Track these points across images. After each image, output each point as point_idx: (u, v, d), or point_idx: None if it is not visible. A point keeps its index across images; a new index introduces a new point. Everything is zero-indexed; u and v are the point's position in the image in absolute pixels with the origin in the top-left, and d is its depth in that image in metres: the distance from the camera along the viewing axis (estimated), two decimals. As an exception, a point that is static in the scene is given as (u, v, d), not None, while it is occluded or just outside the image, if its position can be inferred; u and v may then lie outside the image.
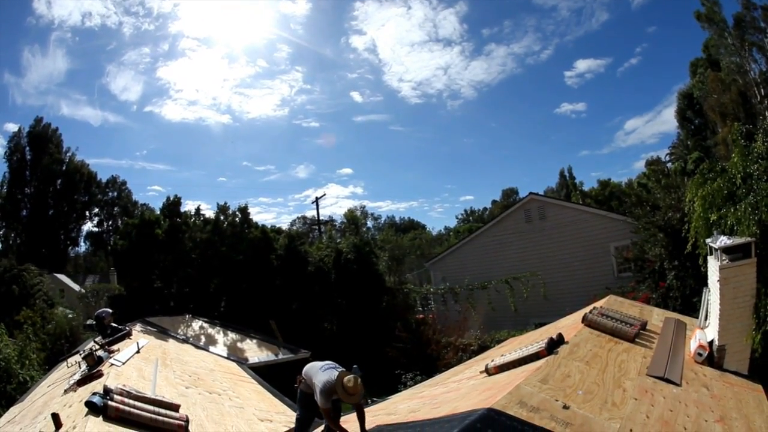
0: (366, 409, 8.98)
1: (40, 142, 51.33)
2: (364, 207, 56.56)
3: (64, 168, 51.52)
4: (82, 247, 50.73)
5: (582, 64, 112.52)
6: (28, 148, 50.79)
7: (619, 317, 8.49)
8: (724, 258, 7.63)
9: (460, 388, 7.98)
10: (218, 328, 18.56)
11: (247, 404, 9.96)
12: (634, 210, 18.08)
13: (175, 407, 7.47)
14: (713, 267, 8.20)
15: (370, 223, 53.53)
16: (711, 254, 8.56)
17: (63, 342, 17.79)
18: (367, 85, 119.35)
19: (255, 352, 17.17)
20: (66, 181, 49.82)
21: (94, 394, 6.86)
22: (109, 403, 6.57)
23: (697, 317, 9.58)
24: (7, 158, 48.50)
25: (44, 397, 9.32)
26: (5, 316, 18.21)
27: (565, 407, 5.48)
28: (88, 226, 49.97)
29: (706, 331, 8.34)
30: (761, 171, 8.43)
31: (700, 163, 16.04)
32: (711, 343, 7.81)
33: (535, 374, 6.20)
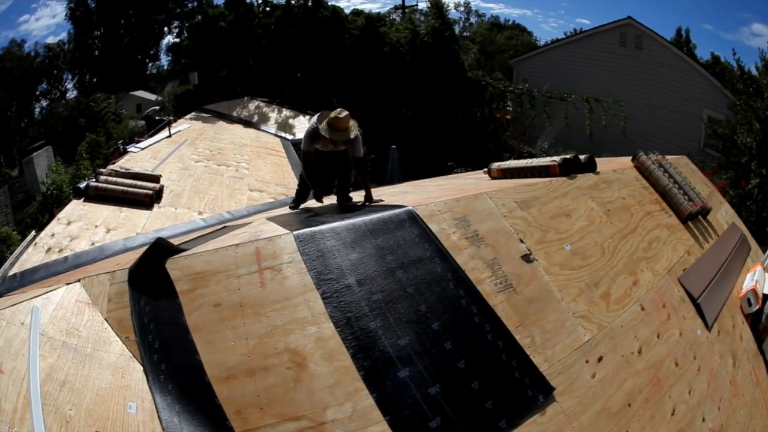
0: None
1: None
2: (468, 2, 49.15)
3: (134, -4, 44.82)
4: (164, 60, 46.07)
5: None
6: (90, -1, 43.98)
7: (681, 182, 5.64)
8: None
9: (452, 182, 6.25)
10: (274, 107, 17.06)
11: (251, 176, 9.16)
12: (736, 83, 13.75)
13: (155, 179, 7.29)
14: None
15: (473, 20, 46.70)
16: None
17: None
18: None
19: (302, 128, 15.46)
20: (138, 8, 42.95)
21: (87, 179, 6.98)
22: (91, 184, 6.54)
23: (766, 252, 6.76)
24: (69, 17, 41.93)
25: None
26: (74, 148, 17.62)
27: (527, 258, 3.38)
28: (168, 40, 44.34)
29: (768, 276, 5.50)
30: None
31: None
32: (766, 298, 5.07)
33: (520, 190, 3.99)
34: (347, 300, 2.81)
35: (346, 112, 4.48)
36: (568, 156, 4.86)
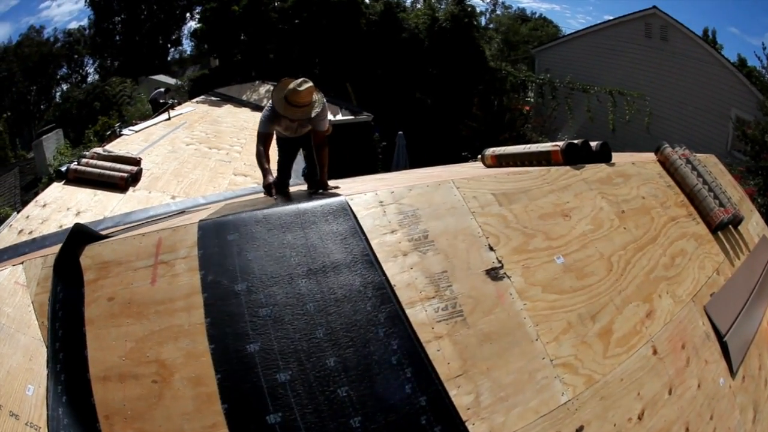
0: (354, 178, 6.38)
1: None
2: None
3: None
4: (186, 45, 43.75)
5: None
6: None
7: (711, 183, 4.52)
8: None
9: (449, 170, 5.47)
10: (285, 91, 16.37)
11: (240, 159, 8.65)
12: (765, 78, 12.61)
13: (135, 161, 6.98)
14: None
15: (499, 11, 44.57)
16: None
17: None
18: None
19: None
20: (160, -8, 41.68)
21: (70, 162, 6.98)
22: (71, 166, 6.46)
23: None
24: (89, 3, 39.66)
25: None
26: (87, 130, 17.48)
27: (494, 274, 2.45)
28: (190, 25, 40.98)
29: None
30: None
31: None
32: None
33: (502, 179, 3.03)
34: (230, 311, 2.24)
35: (308, 84, 3.55)
36: (574, 141, 3.86)
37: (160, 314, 2.27)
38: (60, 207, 5.77)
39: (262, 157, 3.65)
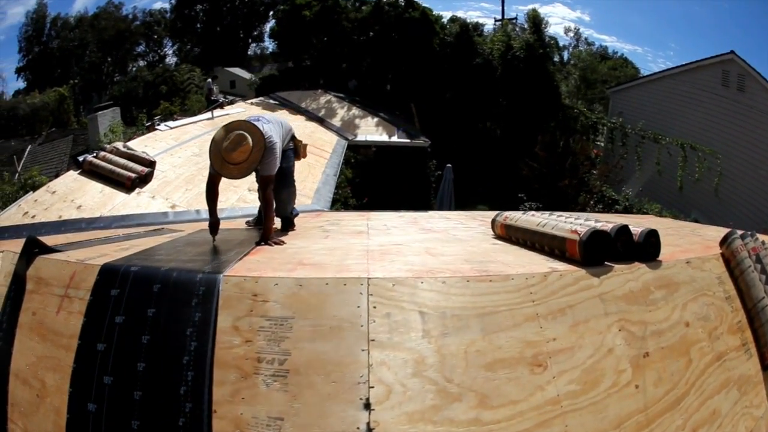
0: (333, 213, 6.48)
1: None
2: (579, 29, 45.06)
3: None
4: (268, 43, 42.43)
5: None
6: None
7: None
8: None
9: (449, 227, 4.53)
10: (345, 103, 15.82)
11: None
12: None
13: (148, 163, 6.78)
14: None
15: (582, 47, 42.53)
16: None
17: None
18: None
19: (366, 129, 14.12)
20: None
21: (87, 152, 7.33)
22: (87, 158, 6.50)
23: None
24: None
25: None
26: (149, 111, 17.92)
27: None
28: (273, 23, 43.05)
29: None
30: None
31: None
32: None
33: (458, 287, 2.07)
34: (88, 365, 2.34)
35: (246, 142, 3.21)
36: (604, 226, 2.73)
37: (53, 344, 2.47)
38: (65, 197, 5.73)
39: (208, 195, 3.59)
